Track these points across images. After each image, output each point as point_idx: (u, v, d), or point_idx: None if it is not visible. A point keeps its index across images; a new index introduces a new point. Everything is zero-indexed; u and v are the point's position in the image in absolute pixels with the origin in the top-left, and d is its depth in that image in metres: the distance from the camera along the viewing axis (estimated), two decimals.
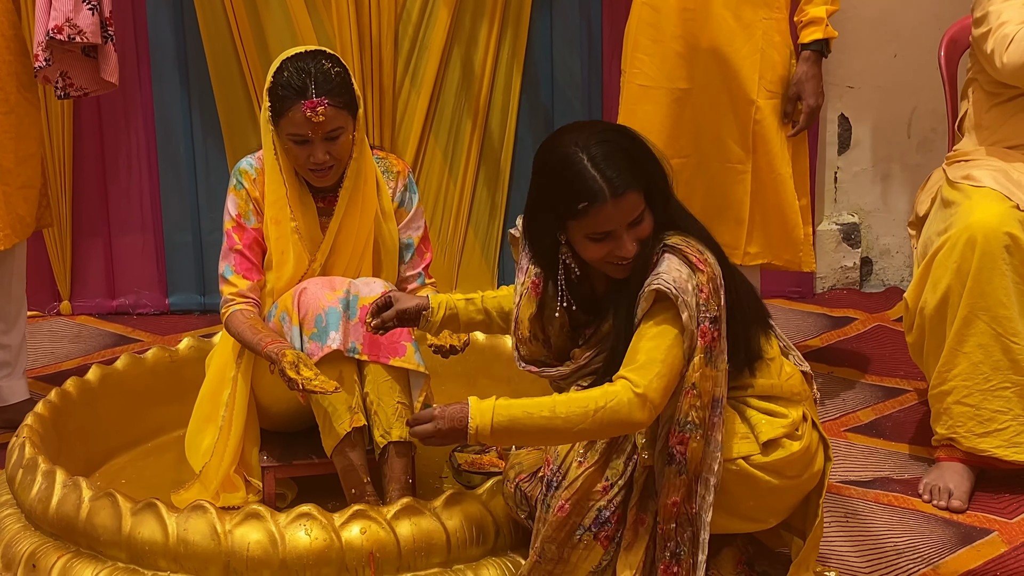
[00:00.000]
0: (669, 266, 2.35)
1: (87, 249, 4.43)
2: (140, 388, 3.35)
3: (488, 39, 4.29)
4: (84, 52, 3.35)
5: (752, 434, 2.45)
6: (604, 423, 2.29)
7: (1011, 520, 3.00)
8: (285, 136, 2.86)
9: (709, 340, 2.34)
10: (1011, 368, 3.01)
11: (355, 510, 2.62)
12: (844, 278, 4.59)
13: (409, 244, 3.09)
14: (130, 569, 2.63)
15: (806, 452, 2.48)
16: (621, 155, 2.36)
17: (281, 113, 2.83)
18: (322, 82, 2.80)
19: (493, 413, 2.30)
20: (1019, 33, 3.04)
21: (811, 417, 2.53)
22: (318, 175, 2.89)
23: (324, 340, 2.82)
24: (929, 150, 4.46)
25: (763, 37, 3.32)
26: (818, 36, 3.34)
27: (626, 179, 2.33)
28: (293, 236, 2.94)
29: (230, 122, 4.34)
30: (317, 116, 2.78)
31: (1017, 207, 3.02)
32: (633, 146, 2.40)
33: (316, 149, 2.84)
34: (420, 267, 3.10)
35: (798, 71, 3.36)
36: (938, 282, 3.04)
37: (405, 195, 3.08)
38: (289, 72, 2.82)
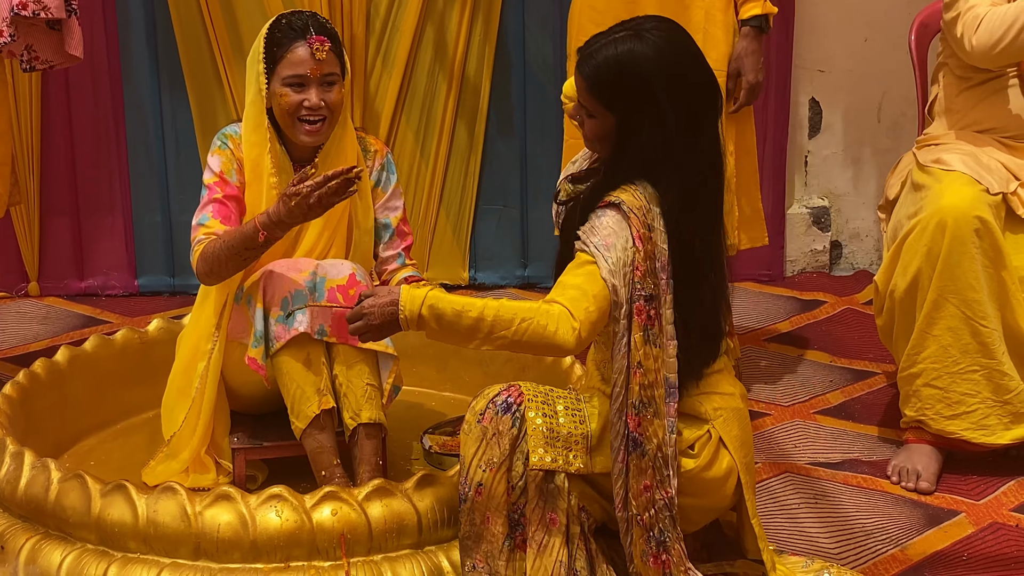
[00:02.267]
0: (605, 223, 2.35)
1: (55, 229, 4.40)
2: (109, 370, 3.33)
3: (460, 20, 4.27)
4: (49, 25, 3.32)
5: None
6: (527, 335, 2.30)
7: (978, 502, 3.02)
8: (281, 82, 2.86)
9: (645, 319, 2.34)
10: (980, 351, 3.02)
11: (326, 491, 2.61)
12: (814, 261, 4.61)
13: (387, 224, 3.07)
14: (99, 551, 2.62)
15: (703, 470, 2.47)
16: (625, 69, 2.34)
17: (280, 57, 2.85)
18: (320, 26, 2.87)
19: (423, 301, 2.31)
20: (988, 15, 3.05)
21: (723, 439, 2.50)
22: (310, 127, 2.88)
23: (291, 323, 2.81)
24: (899, 134, 4.47)
25: (706, 16, 3.31)
26: (757, 11, 3.33)
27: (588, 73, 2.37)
28: (270, 191, 2.89)
29: (199, 100, 4.31)
30: (322, 51, 2.83)
31: (987, 191, 3.04)
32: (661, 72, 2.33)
33: (312, 94, 2.85)
34: (399, 247, 3.08)
35: (738, 47, 3.34)
36: (908, 265, 3.06)
37: (382, 175, 3.06)
38: (287, 19, 2.88)
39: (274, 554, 2.56)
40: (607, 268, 2.33)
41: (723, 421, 2.51)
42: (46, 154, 4.32)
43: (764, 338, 4.03)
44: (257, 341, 2.83)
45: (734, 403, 2.54)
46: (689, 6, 3.31)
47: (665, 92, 2.34)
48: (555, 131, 4.37)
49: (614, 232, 2.35)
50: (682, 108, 2.35)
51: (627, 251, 2.35)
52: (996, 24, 3.04)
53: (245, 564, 2.56)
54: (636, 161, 2.39)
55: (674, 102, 2.34)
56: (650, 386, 2.37)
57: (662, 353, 2.39)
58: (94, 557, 2.60)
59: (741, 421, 2.55)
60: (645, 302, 2.35)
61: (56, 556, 2.62)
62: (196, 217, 2.91)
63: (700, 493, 2.51)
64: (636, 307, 2.35)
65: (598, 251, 2.35)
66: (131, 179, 4.39)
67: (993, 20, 3.05)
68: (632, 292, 2.34)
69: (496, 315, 2.31)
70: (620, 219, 2.36)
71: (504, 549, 2.44)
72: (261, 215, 2.76)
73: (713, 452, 2.49)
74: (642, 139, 2.37)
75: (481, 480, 2.42)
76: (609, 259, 2.34)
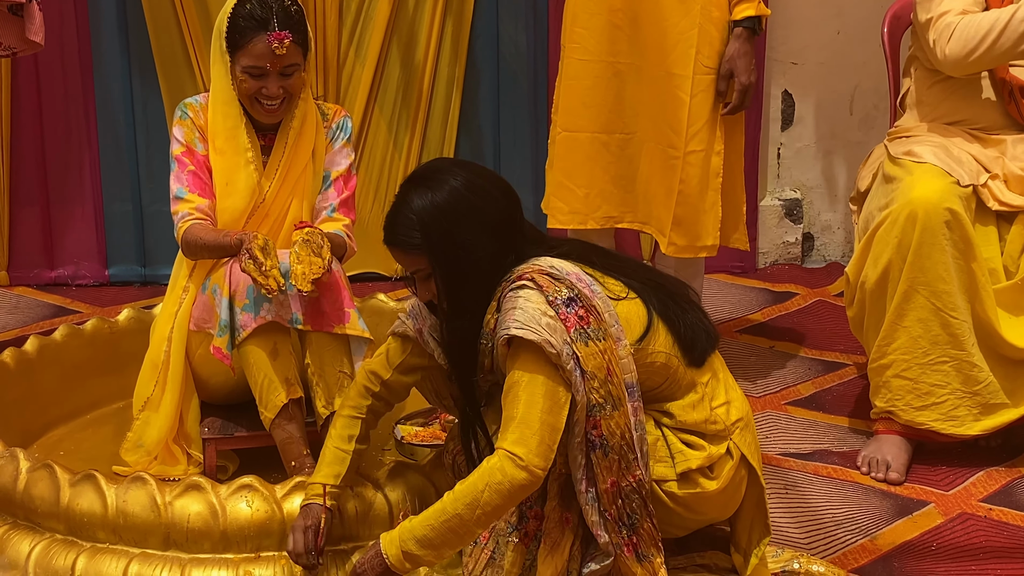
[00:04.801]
0: (518, 299, 2.31)
1: (24, 218, 4.37)
2: (79, 359, 3.32)
3: (433, 11, 4.26)
4: (11, 11, 3.29)
5: (671, 460, 2.44)
6: (497, 501, 2.25)
7: (947, 492, 3.04)
8: (240, 68, 2.88)
9: (575, 323, 2.31)
10: (949, 343, 3.04)
11: (296, 482, 2.61)
12: (786, 253, 4.63)
13: (327, 176, 3.07)
14: (68, 541, 2.61)
15: (722, 493, 2.47)
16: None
17: (240, 44, 2.86)
18: (284, 17, 2.85)
19: (399, 536, 2.29)
20: (961, 24, 3.05)
21: (741, 450, 2.48)
22: (267, 109, 2.91)
23: (256, 311, 2.81)
24: (871, 127, 4.49)
25: (701, 12, 3.29)
26: (750, 13, 3.31)
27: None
28: (248, 166, 2.95)
29: (170, 87, 4.29)
30: (282, 48, 2.83)
31: (957, 183, 3.05)
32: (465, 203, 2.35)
33: (270, 83, 2.88)
34: (333, 200, 3.06)
35: (730, 48, 3.33)
36: (879, 257, 3.07)
37: (336, 132, 3.08)
38: (251, 4, 2.86)
39: (244, 544, 2.56)
40: (526, 322, 2.27)
41: (739, 433, 2.49)
42: (15, 142, 4.30)
43: (736, 329, 4.05)
44: (222, 330, 2.83)
45: (745, 408, 2.53)
46: (687, 0, 3.29)
47: (457, 221, 2.34)
48: (527, 122, 4.38)
49: (519, 298, 2.31)
50: (485, 229, 2.36)
51: (531, 296, 2.31)
52: (970, 33, 3.04)
53: (215, 554, 2.56)
54: (475, 280, 2.37)
55: (474, 221, 2.35)
56: (602, 384, 2.32)
57: (608, 345, 2.33)
58: (63, 547, 2.60)
59: (752, 426, 2.54)
60: (566, 307, 2.31)
61: (24, 546, 2.61)
62: (172, 187, 2.96)
63: (710, 510, 2.50)
64: (560, 315, 2.30)
65: (518, 329, 2.28)
66: (101, 168, 4.36)
67: (967, 30, 3.05)
68: (556, 309, 2.30)
69: (461, 507, 2.25)
70: (520, 291, 2.32)
71: (511, 535, 2.42)
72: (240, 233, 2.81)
73: (736, 472, 2.48)
74: (461, 266, 2.35)
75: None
76: (526, 318, 2.28)
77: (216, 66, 2.94)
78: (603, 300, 2.37)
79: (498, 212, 2.38)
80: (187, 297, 2.98)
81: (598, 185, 3.44)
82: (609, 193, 3.44)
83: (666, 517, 2.45)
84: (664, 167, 3.36)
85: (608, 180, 3.44)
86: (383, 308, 3.51)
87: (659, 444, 2.45)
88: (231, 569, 2.55)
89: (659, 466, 2.43)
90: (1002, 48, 3.03)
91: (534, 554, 2.41)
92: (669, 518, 2.47)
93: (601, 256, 2.50)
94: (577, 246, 2.51)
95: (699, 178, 3.33)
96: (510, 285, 2.35)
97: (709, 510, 2.51)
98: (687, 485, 2.44)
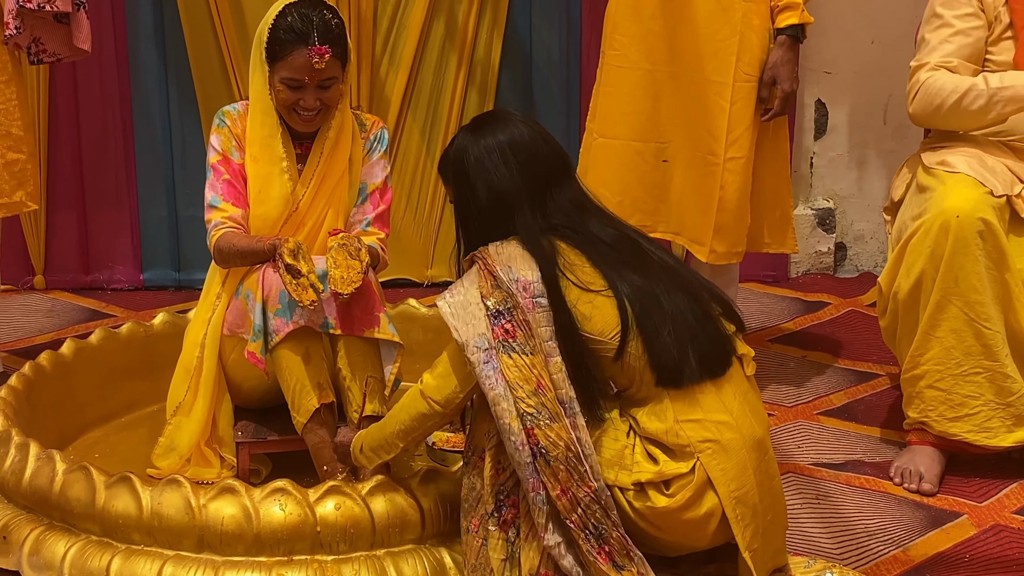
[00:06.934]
0: (463, 283, 2.50)
1: (62, 223, 4.41)
2: (114, 363, 3.34)
3: (467, 17, 4.28)
4: (56, 19, 3.33)
5: (631, 469, 2.44)
6: (408, 422, 2.57)
7: (981, 504, 3.02)
8: (278, 79, 2.89)
9: (501, 335, 2.41)
10: (983, 354, 3.03)
11: (330, 486, 2.62)
12: (818, 263, 4.62)
13: (363, 188, 3.08)
14: (103, 542, 2.62)
15: (679, 511, 2.41)
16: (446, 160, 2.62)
17: (280, 56, 2.87)
18: (324, 31, 2.85)
19: (357, 444, 2.68)
20: (926, 83, 3.15)
21: (707, 473, 2.41)
22: (304, 119, 2.93)
23: (289, 316, 2.82)
24: (905, 136, 4.48)
25: (742, 20, 3.31)
26: (794, 21, 3.33)
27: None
28: (282, 175, 2.96)
29: (206, 96, 4.32)
30: (321, 62, 2.84)
31: (991, 193, 3.04)
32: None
33: (308, 95, 2.89)
34: (368, 214, 3.07)
35: (773, 56, 3.35)
36: (912, 266, 3.06)
37: (373, 144, 3.09)
38: (293, 17, 2.86)
39: (277, 547, 2.57)
40: (447, 310, 2.48)
41: (711, 454, 2.41)
42: (53, 148, 4.34)
43: (768, 339, 4.04)
44: (256, 335, 2.84)
45: (728, 433, 2.42)
46: (728, 8, 3.31)
47: (467, 178, 2.57)
48: (560, 129, 4.38)
49: (464, 282, 2.51)
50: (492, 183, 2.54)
51: (470, 289, 2.47)
52: (930, 99, 3.14)
53: (248, 557, 2.57)
54: (476, 222, 2.58)
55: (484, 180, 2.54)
56: (531, 395, 2.38)
57: (537, 360, 2.40)
58: (98, 549, 2.61)
59: (739, 452, 2.43)
60: (493, 319, 2.42)
61: (60, 547, 2.63)
62: (207, 195, 2.98)
63: (674, 531, 2.45)
64: (495, 331, 2.42)
65: (443, 301, 2.51)
66: (137, 173, 4.40)
67: (929, 91, 3.14)
68: (491, 320, 2.43)
69: (389, 424, 2.61)
70: (472, 272, 2.51)
71: (491, 523, 2.47)
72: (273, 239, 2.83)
73: (693, 493, 2.41)
74: (470, 210, 2.58)
75: (484, 447, 2.47)
76: (453, 304, 2.49)
77: (255, 75, 2.96)
78: (544, 309, 2.42)
79: (505, 182, 2.53)
80: (220, 304, 3.00)
81: (631, 193, 3.44)
82: (643, 202, 3.45)
83: (634, 529, 2.45)
84: (703, 174, 3.36)
85: (642, 189, 3.44)
86: (414, 314, 3.53)
87: (626, 451, 2.45)
88: (264, 572, 2.55)
89: (623, 473, 2.43)
90: (959, 121, 3.15)
91: (514, 545, 2.45)
92: (636, 530, 2.45)
93: (615, 247, 2.51)
94: (588, 231, 2.53)
95: (738, 185, 3.34)
96: (479, 254, 2.51)
97: (672, 531, 2.45)
98: (641, 497, 2.42)
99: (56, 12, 3.28)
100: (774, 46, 3.35)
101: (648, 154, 3.42)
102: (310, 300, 2.74)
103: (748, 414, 2.48)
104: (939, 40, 3.21)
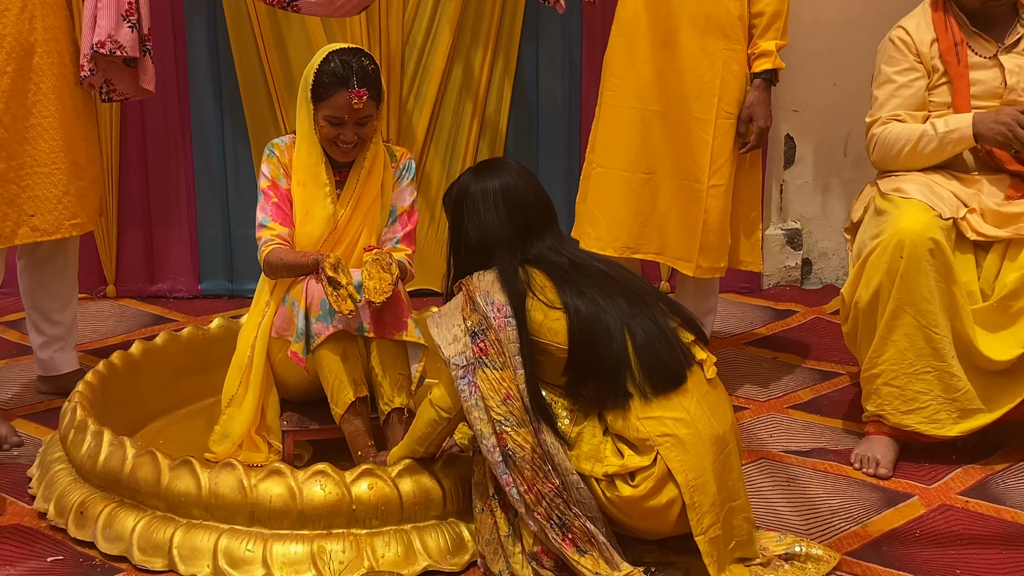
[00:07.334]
0: (449, 307, 2.55)
1: (129, 240, 4.41)
2: (176, 361, 3.35)
3: (482, 64, 4.28)
4: (125, 63, 3.34)
5: (601, 461, 2.45)
6: (423, 428, 2.61)
7: (930, 486, 3.02)
8: (322, 116, 2.90)
9: (477, 352, 2.46)
10: (932, 355, 3.02)
11: (364, 469, 2.63)
12: (787, 276, 4.61)
13: (392, 210, 3.09)
14: (167, 517, 2.64)
15: (643, 500, 2.41)
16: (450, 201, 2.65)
17: (324, 97, 2.89)
18: (362, 76, 2.87)
19: (392, 459, 2.70)
20: (880, 135, 3.20)
21: (667, 465, 2.39)
22: (343, 151, 2.94)
23: (329, 321, 2.82)
24: (863, 166, 4.46)
25: (723, 65, 3.31)
26: (768, 66, 3.33)
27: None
28: (326, 200, 2.97)
29: (256, 129, 4.32)
30: (359, 103, 2.85)
31: (940, 216, 3.04)
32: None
33: (347, 130, 2.91)
34: (398, 233, 3.08)
35: (750, 96, 3.35)
36: (871, 280, 3.06)
37: (402, 173, 3.10)
38: (335, 63, 2.88)
39: (318, 522, 2.58)
40: (435, 329, 2.54)
41: (669, 447, 2.40)
42: (123, 175, 4.34)
43: (744, 342, 4.03)
44: (299, 337, 2.85)
45: (684, 429, 2.41)
46: (711, 54, 3.31)
47: (462, 214, 2.61)
48: (562, 163, 4.39)
49: (450, 305, 2.55)
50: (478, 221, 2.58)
51: (454, 312, 2.51)
52: (885, 150, 3.19)
53: (293, 531, 2.58)
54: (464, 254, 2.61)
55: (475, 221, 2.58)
56: (500, 404, 2.42)
57: (507, 374, 2.44)
58: (162, 523, 2.63)
59: (696, 446, 2.41)
60: (471, 338, 2.46)
61: (129, 521, 2.64)
62: (258, 216, 2.99)
63: (640, 517, 2.45)
64: (473, 348, 2.46)
65: (432, 323, 2.56)
66: (196, 196, 4.40)
67: (885, 143, 3.20)
68: (469, 339, 2.47)
69: (412, 433, 2.64)
70: (458, 297, 2.55)
71: (495, 503, 2.48)
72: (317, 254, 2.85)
73: (655, 484, 2.40)
74: (460, 243, 2.62)
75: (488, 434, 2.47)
76: (440, 324, 2.54)
77: (301, 112, 2.97)
78: (514, 327, 2.46)
79: (492, 225, 2.56)
80: (268, 310, 3.01)
81: (619, 217, 3.43)
82: (628, 226, 3.43)
83: (609, 513, 2.45)
84: (690, 199, 3.35)
85: (627, 214, 3.42)
86: None
87: (600, 447, 2.46)
88: (306, 544, 2.56)
89: (597, 465, 2.44)
90: (915, 163, 3.17)
91: (514, 520, 2.48)
92: (611, 515, 2.46)
93: (579, 275, 2.52)
94: (557, 263, 2.54)
95: (720, 208, 3.34)
96: (464, 283, 2.55)
97: (638, 517, 2.45)
98: (611, 487, 2.43)
99: (125, 57, 3.29)
100: (751, 88, 3.35)
101: (635, 183, 3.41)
102: (348, 309, 2.74)
103: (706, 412, 2.47)
104: (886, 96, 3.23)
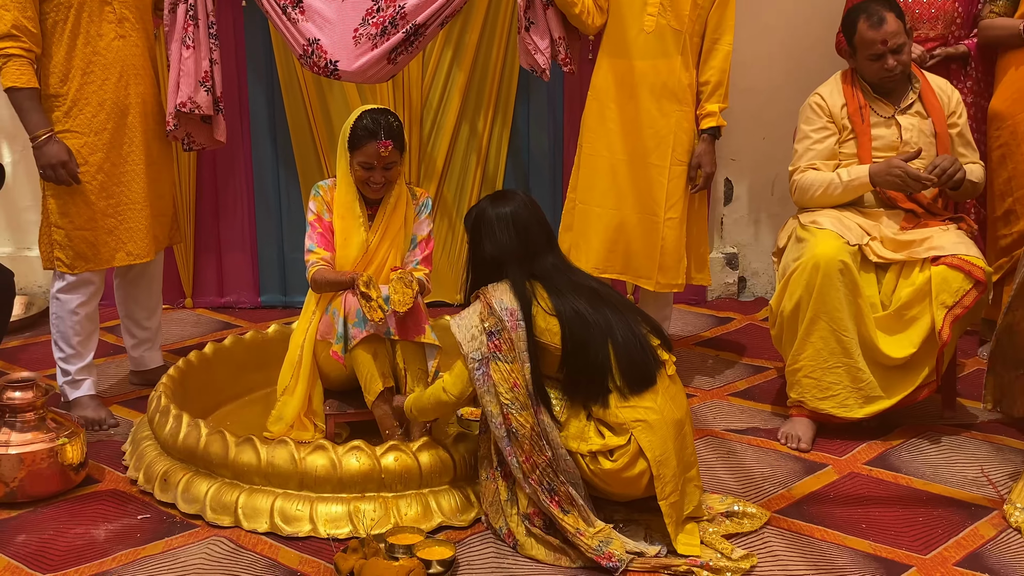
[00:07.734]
0: (468, 311, 2.52)
1: (203, 261, 4.40)
2: (240, 359, 3.34)
3: (484, 121, 4.29)
4: (202, 119, 3.34)
5: (586, 440, 2.45)
6: (432, 404, 2.62)
7: (841, 458, 3.02)
8: (356, 162, 2.91)
9: (492, 348, 2.45)
10: (843, 353, 3.03)
11: (390, 444, 2.63)
12: (727, 291, 4.61)
13: (413, 239, 3.09)
14: (233, 484, 2.64)
15: (621, 471, 2.43)
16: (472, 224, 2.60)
17: (358, 146, 2.90)
18: (388, 130, 2.88)
19: (408, 404, 2.71)
20: (799, 181, 3.22)
21: (639, 444, 2.42)
22: (373, 190, 2.95)
23: (363, 327, 2.83)
24: (786, 204, 4.45)
25: (676, 123, 3.32)
26: (712, 124, 3.34)
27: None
28: (360, 229, 2.97)
29: (304, 172, 4.32)
30: (386, 152, 2.86)
31: (848, 243, 3.05)
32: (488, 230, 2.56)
33: (376, 174, 2.91)
34: (417, 257, 3.07)
35: (698, 148, 3.35)
36: (793, 294, 3.07)
37: (421, 208, 3.10)
38: (367, 120, 2.89)
39: (354, 487, 2.59)
40: (456, 329, 2.51)
41: (641, 430, 2.43)
42: (199, 207, 4.33)
43: (693, 343, 4.03)
44: (339, 339, 2.85)
45: (653, 415, 2.44)
46: (667, 114, 3.30)
47: (480, 233, 2.58)
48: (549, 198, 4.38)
49: (470, 310, 2.53)
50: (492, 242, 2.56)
51: (473, 315, 2.50)
52: (804, 190, 3.20)
53: (334, 494, 2.59)
54: (481, 266, 2.59)
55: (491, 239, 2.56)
56: (508, 391, 2.43)
57: (513, 367, 2.44)
58: (230, 488, 2.63)
59: (661, 429, 2.44)
60: (487, 337, 2.46)
61: (203, 487, 2.64)
62: (306, 243, 3.00)
63: (617, 485, 2.46)
64: (489, 345, 2.45)
65: (453, 323, 2.55)
66: (256, 227, 4.39)
67: (803, 187, 3.21)
68: (487, 338, 2.46)
69: (423, 399, 2.65)
70: (477, 301, 2.53)
71: (498, 472, 2.47)
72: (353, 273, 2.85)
73: (629, 459, 2.42)
74: (478, 257, 2.60)
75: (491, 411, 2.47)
76: (460, 326, 2.52)
77: (340, 159, 2.97)
78: (523, 328, 2.44)
79: (504, 247, 2.53)
80: (315, 318, 3.00)
81: (593, 244, 3.43)
82: (596, 251, 3.42)
83: (591, 483, 2.46)
84: (650, 229, 3.36)
85: (599, 241, 3.42)
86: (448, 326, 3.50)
87: (585, 429, 2.46)
88: (345, 504, 2.57)
89: (582, 444, 2.45)
90: (826, 203, 3.18)
91: (512, 486, 2.48)
92: (593, 483, 2.46)
93: (573, 288, 2.52)
94: (557, 278, 2.53)
95: (674, 236, 3.34)
96: (482, 291, 2.52)
97: (616, 485, 2.46)
98: (594, 462, 2.44)
99: (202, 115, 3.30)
100: (699, 141, 3.36)
101: (606, 217, 3.41)
102: (379, 317, 2.75)
103: (669, 402, 2.49)
104: (804, 149, 3.24)
